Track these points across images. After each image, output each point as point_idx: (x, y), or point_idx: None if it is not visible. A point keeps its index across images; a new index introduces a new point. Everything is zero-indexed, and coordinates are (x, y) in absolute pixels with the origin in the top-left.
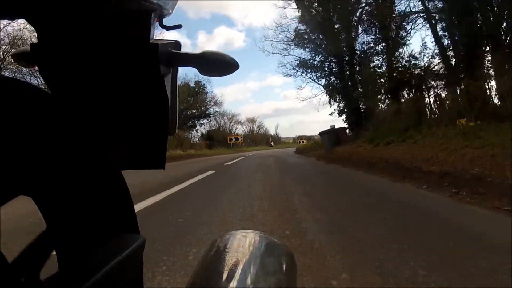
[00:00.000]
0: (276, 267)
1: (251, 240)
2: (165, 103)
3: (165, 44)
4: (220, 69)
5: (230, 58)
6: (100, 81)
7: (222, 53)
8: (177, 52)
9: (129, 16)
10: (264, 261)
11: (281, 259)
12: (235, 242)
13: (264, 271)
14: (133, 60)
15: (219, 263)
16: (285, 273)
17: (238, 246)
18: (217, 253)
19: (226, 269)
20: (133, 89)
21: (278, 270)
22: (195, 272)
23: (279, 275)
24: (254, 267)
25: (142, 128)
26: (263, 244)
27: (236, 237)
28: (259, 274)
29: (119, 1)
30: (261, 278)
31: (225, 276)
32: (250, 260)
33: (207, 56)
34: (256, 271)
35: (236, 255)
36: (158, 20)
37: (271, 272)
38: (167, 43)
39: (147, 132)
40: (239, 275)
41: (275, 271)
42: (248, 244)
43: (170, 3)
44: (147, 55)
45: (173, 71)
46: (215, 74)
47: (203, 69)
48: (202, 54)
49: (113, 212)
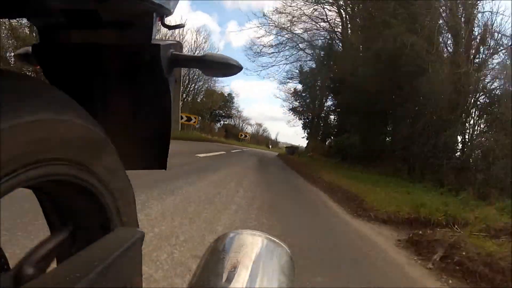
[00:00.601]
0: (276, 267)
1: (251, 240)
2: (167, 104)
3: (167, 45)
4: (223, 71)
5: (232, 61)
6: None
7: (224, 55)
8: (178, 54)
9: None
10: (264, 261)
11: (280, 260)
12: (235, 242)
13: (264, 271)
14: (134, 60)
15: (219, 263)
16: (284, 273)
17: (238, 246)
18: (218, 253)
19: (226, 269)
20: (134, 89)
21: (278, 270)
22: (196, 272)
23: (279, 275)
24: (254, 267)
25: (143, 129)
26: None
27: (236, 237)
28: (259, 275)
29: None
30: (261, 278)
31: (225, 277)
32: (250, 260)
33: (208, 59)
34: (256, 272)
35: (236, 255)
36: (160, 20)
37: (271, 272)
38: (169, 44)
39: (149, 133)
40: (239, 275)
41: (275, 272)
42: (248, 244)
43: (172, 3)
44: (148, 55)
45: (175, 72)
46: (218, 75)
47: (206, 71)
48: (203, 56)
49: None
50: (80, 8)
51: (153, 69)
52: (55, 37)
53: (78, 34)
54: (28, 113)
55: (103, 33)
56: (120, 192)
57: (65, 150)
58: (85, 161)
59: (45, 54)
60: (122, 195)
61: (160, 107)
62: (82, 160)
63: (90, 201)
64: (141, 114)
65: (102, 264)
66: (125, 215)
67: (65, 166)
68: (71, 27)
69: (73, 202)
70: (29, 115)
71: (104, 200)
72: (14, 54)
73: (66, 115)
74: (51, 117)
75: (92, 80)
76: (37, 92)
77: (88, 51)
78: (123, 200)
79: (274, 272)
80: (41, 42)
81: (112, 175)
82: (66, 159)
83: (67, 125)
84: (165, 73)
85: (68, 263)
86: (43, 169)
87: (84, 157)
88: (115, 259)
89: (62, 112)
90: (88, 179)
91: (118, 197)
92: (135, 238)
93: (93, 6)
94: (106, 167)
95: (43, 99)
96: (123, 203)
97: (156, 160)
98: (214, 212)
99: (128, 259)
